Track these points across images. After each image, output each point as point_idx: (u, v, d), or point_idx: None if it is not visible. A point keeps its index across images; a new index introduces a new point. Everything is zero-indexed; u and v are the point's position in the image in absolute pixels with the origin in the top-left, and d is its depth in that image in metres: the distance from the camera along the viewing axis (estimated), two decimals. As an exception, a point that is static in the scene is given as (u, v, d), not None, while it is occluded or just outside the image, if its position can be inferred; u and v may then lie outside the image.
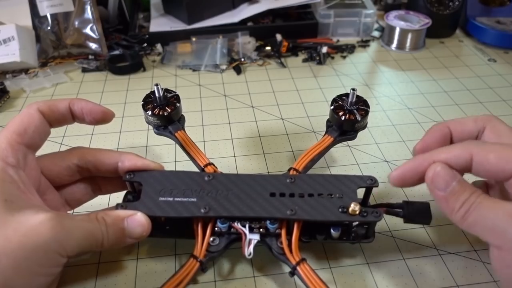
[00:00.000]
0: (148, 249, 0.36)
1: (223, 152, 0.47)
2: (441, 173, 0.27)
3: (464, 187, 0.27)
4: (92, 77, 0.60)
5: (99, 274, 0.34)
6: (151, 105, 0.38)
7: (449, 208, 0.27)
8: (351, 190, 0.33)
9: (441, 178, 0.27)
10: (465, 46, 0.69)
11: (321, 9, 0.69)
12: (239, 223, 0.32)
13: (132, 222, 0.30)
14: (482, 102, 0.55)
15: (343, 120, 0.37)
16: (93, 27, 0.62)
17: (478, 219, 0.26)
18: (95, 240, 0.28)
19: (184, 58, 0.63)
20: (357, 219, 0.31)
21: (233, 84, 0.59)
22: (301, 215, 0.31)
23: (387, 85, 0.59)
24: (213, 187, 0.33)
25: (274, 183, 0.33)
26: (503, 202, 0.26)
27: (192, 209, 0.32)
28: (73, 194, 0.35)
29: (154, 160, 0.45)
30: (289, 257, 0.31)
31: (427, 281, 0.33)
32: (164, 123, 0.38)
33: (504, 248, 0.25)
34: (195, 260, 0.31)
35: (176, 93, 0.39)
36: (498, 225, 0.25)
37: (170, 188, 0.33)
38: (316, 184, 0.33)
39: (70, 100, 0.33)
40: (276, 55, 0.64)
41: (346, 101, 0.38)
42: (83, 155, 0.34)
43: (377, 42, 0.70)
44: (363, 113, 0.37)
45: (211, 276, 0.34)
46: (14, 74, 0.60)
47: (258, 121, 0.51)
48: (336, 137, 0.38)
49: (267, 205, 0.32)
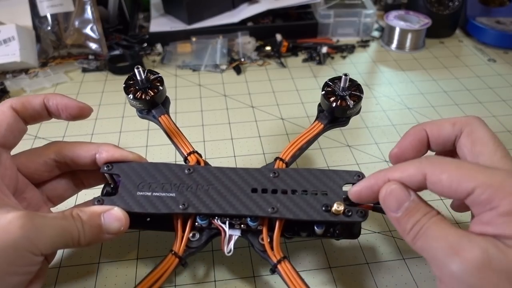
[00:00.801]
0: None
1: (223, 152, 0.47)
2: (393, 192, 0.26)
3: (417, 208, 0.25)
4: (92, 77, 0.61)
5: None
6: (133, 88, 0.36)
7: (400, 229, 0.26)
8: (337, 186, 0.31)
9: (394, 198, 0.26)
10: (465, 46, 0.69)
11: (321, 9, 0.69)
12: (219, 220, 0.31)
13: (109, 217, 0.29)
14: (482, 102, 0.55)
15: (334, 106, 0.35)
16: (93, 27, 0.62)
17: (424, 246, 0.25)
18: (70, 237, 0.28)
19: (184, 58, 0.63)
20: (341, 219, 0.30)
21: (233, 84, 0.59)
22: (283, 213, 0.30)
23: (387, 85, 0.59)
24: (193, 181, 0.32)
25: (256, 177, 0.32)
26: (449, 231, 0.24)
27: (170, 205, 0.31)
28: (55, 190, 0.34)
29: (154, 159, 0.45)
30: (270, 255, 0.30)
31: (427, 281, 0.34)
32: (147, 106, 0.36)
33: (443, 282, 0.24)
34: (174, 256, 0.30)
35: (159, 75, 0.37)
36: (439, 257, 0.23)
37: (149, 181, 0.32)
38: (301, 179, 0.32)
39: (45, 95, 0.32)
40: (276, 55, 0.64)
41: (338, 86, 0.36)
42: (60, 149, 0.33)
43: (377, 42, 0.70)
44: (356, 99, 0.35)
45: (211, 276, 0.34)
46: (14, 74, 0.60)
47: (258, 121, 0.51)
48: (326, 123, 0.36)
49: (248, 201, 0.31)
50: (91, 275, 0.34)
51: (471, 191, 0.24)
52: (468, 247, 0.23)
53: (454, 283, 0.23)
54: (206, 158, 0.46)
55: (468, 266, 0.22)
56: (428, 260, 0.25)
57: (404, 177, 0.26)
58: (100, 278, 0.34)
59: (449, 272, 0.23)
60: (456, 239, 0.23)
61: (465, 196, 0.24)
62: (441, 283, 0.24)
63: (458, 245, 0.23)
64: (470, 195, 0.24)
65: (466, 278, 0.22)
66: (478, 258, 0.22)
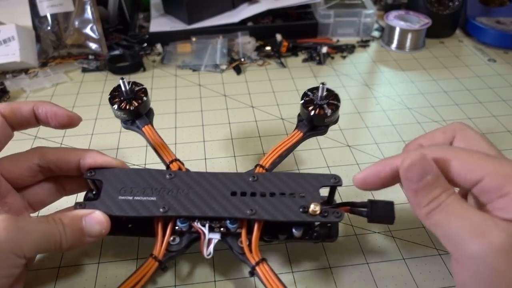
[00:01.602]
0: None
1: (223, 152, 0.47)
2: (417, 163, 0.25)
3: (438, 183, 0.25)
4: (92, 77, 0.61)
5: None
6: (117, 99, 0.37)
7: (416, 201, 0.25)
8: (314, 189, 0.32)
9: (417, 168, 0.25)
10: (465, 46, 0.69)
11: (321, 9, 0.69)
12: (199, 223, 0.32)
13: (90, 221, 0.30)
14: (482, 102, 0.55)
15: (312, 115, 0.36)
16: (93, 27, 0.62)
17: (442, 222, 0.24)
18: (53, 240, 0.28)
19: (184, 58, 0.63)
20: (318, 219, 0.30)
21: (233, 84, 0.59)
22: (261, 215, 0.31)
23: (387, 85, 0.59)
24: (174, 185, 0.32)
25: (236, 181, 0.33)
26: (473, 211, 0.24)
27: (151, 209, 0.31)
28: (36, 195, 0.34)
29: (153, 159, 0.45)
30: (248, 257, 0.30)
31: (427, 281, 0.33)
32: (131, 117, 0.37)
33: (461, 263, 0.24)
34: (154, 260, 0.31)
35: (143, 87, 0.38)
36: (460, 235, 0.23)
37: (131, 186, 0.32)
38: (279, 183, 0.32)
39: (35, 103, 0.32)
40: (276, 55, 0.64)
41: (316, 95, 0.37)
42: (44, 154, 0.33)
43: (377, 42, 0.70)
44: (334, 107, 0.36)
45: (211, 276, 0.34)
46: (14, 74, 0.60)
47: (258, 121, 0.51)
48: (306, 132, 0.37)
49: (227, 204, 0.31)
50: (91, 275, 0.34)
51: (480, 179, 0.24)
52: (494, 230, 0.23)
53: (474, 264, 0.23)
54: (206, 158, 0.46)
55: (493, 248, 0.22)
56: (443, 237, 0.25)
57: None
58: (100, 278, 0.34)
59: (470, 253, 0.23)
60: (481, 221, 0.23)
61: (473, 184, 0.25)
62: (458, 264, 0.24)
63: (483, 226, 0.23)
64: (479, 183, 0.24)
65: (490, 260, 0.22)
66: (504, 242, 0.22)
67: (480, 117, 0.52)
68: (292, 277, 0.34)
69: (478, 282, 0.23)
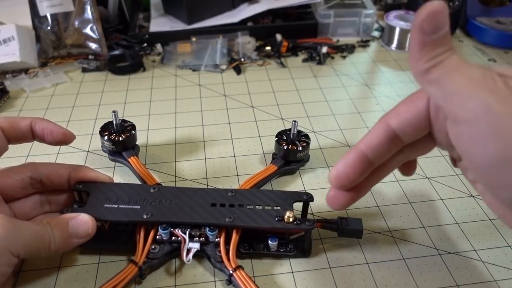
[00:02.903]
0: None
1: (223, 152, 0.47)
2: (439, 14, 0.22)
3: (446, 40, 0.23)
4: (92, 77, 0.61)
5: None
6: (108, 132, 0.42)
7: (418, 56, 0.23)
8: (288, 204, 0.35)
9: (436, 19, 0.22)
10: (465, 46, 0.69)
11: (321, 9, 0.69)
12: (180, 230, 0.34)
13: (76, 222, 0.31)
14: (482, 102, 0.55)
15: (285, 149, 0.41)
16: (93, 27, 0.62)
17: (442, 77, 0.23)
18: (42, 241, 0.29)
19: (184, 58, 0.63)
20: (291, 226, 0.33)
21: (233, 84, 0.59)
22: (239, 222, 0.33)
23: (387, 85, 0.59)
24: (157, 197, 0.35)
25: (215, 196, 0.35)
26: (474, 66, 0.23)
27: (134, 215, 0.33)
28: (22, 208, 0.35)
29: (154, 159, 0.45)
30: (226, 265, 0.32)
31: (427, 281, 0.33)
32: (119, 148, 0.42)
33: (462, 120, 0.22)
34: (133, 265, 0.32)
35: (132, 123, 0.43)
36: (462, 91, 0.22)
37: (116, 198, 0.35)
38: (255, 198, 0.35)
39: (32, 119, 0.34)
40: (276, 55, 0.64)
41: (289, 135, 0.42)
42: (37, 167, 0.35)
43: (377, 42, 0.70)
44: (305, 144, 0.42)
45: (211, 276, 0.34)
46: (14, 74, 0.60)
47: (258, 121, 0.51)
48: (280, 166, 0.42)
49: (207, 214, 0.34)
50: (91, 275, 0.34)
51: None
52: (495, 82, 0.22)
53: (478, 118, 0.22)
54: (206, 158, 0.46)
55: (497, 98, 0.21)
56: (442, 94, 0.23)
57: (410, 113, 0.28)
58: (100, 278, 0.34)
59: (473, 106, 0.21)
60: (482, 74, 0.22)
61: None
62: (458, 124, 0.23)
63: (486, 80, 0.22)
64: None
65: (494, 111, 0.21)
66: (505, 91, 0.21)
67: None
68: (292, 277, 0.34)
69: (483, 137, 0.22)
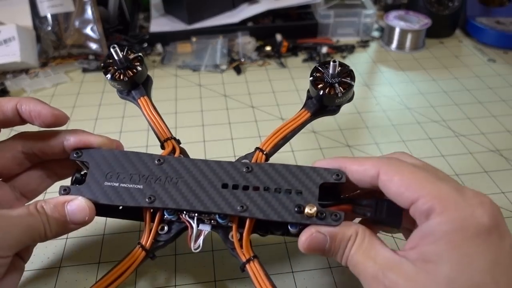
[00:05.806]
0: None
1: (223, 152, 0.47)
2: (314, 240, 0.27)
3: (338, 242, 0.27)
4: (93, 77, 0.61)
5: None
6: (111, 68, 0.34)
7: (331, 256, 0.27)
8: (314, 184, 0.29)
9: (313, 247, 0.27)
10: (464, 46, 0.69)
11: (321, 9, 0.69)
12: (187, 215, 0.30)
13: (72, 208, 0.29)
14: (481, 102, 0.55)
15: (321, 94, 0.32)
16: (93, 27, 0.62)
17: (356, 270, 0.26)
18: (37, 233, 0.27)
19: (184, 58, 0.63)
20: (313, 222, 0.27)
21: (233, 84, 0.59)
22: (252, 212, 0.28)
23: (387, 85, 0.59)
24: (162, 172, 0.30)
25: (229, 171, 0.30)
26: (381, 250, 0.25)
27: (137, 198, 0.29)
28: (27, 185, 0.32)
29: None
30: (239, 253, 0.29)
31: (426, 281, 0.33)
32: (126, 87, 0.35)
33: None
34: (141, 249, 0.29)
35: (139, 54, 0.35)
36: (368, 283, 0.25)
37: (118, 171, 0.30)
38: (275, 175, 0.29)
39: (19, 99, 0.30)
40: (276, 55, 0.64)
41: (328, 72, 0.33)
42: (27, 140, 0.31)
43: (377, 42, 0.70)
44: (346, 87, 0.32)
45: (211, 276, 0.34)
46: (14, 74, 0.60)
47: (258, 121, 0.51)
48: (314, 111, 0.33)
49: (217, 198, 0.29)
50: (91, 275, 0.34)
51: (415, 199, 0.24)
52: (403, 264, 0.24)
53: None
54: (206, 158, 0.46)
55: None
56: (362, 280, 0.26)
57: (359, 170, 0.27)
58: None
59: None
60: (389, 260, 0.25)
61: (409, 204, 0.25)
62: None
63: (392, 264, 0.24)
64: (414, 204, 0.24)
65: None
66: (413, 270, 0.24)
67: (479, 117, 0.52)
68: (292, 277, 0.34)
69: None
